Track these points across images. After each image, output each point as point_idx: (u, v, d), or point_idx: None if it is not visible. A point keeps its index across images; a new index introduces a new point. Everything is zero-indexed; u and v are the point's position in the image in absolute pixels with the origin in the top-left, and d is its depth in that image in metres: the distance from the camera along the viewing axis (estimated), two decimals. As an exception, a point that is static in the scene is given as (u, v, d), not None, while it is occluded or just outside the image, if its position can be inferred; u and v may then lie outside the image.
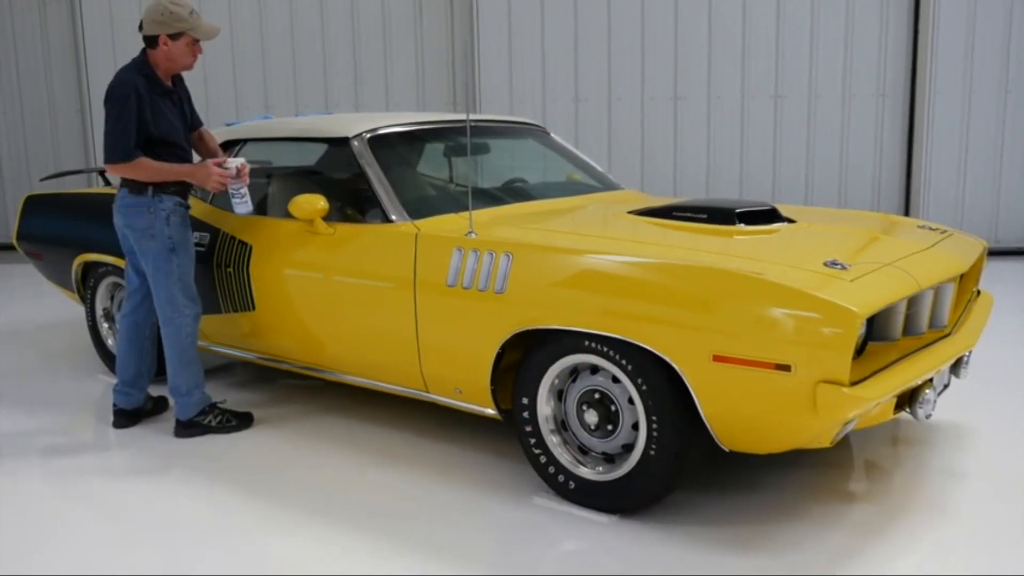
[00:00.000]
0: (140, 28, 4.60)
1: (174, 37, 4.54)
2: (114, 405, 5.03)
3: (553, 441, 3.89)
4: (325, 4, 11.11)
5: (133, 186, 4.61)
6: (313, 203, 4.46)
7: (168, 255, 4.64)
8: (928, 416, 3.58)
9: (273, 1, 11.21)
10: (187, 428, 4.82)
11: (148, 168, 4.52)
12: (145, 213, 4.61)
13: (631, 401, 3.65)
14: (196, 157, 4.99)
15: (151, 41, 4.58)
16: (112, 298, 5.98)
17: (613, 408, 3.72)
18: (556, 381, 3.86)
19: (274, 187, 5.21)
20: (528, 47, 10.62)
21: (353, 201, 4.66)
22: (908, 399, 3.56)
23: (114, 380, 5.81)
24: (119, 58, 11.48)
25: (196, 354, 4.84)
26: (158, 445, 4.73)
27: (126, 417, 5.01)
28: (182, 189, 4.72)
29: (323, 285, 4.53)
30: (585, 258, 3.66)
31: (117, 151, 4.46)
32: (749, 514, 3.74)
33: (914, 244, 4.02)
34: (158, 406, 5.17)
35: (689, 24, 10.32)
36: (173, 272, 4.67)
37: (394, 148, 4.92)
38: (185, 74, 4.92)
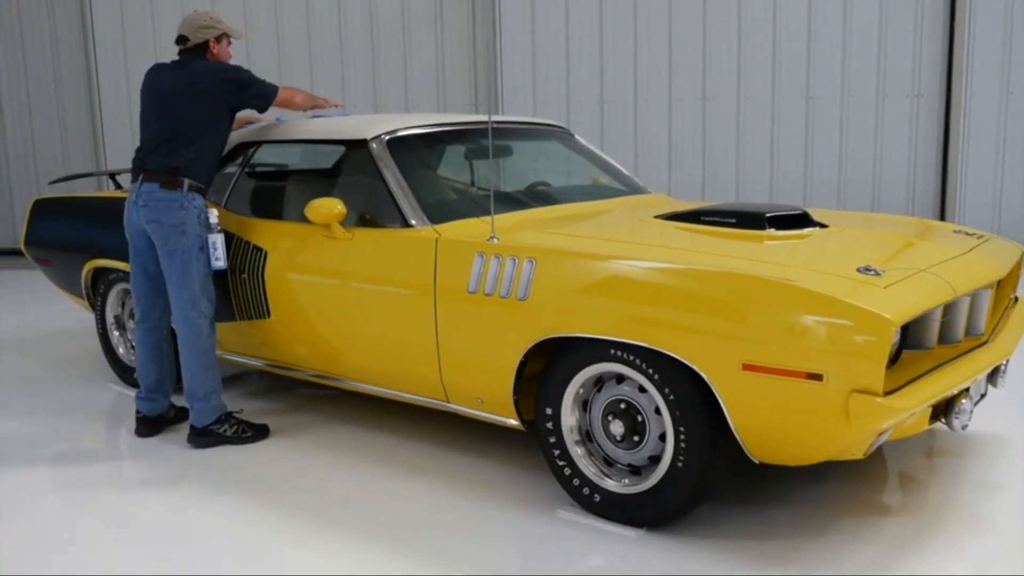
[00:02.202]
0: (182, 42, 4.97)
1: (218, 40, 4.99)
2: (137, 412, 5.08)
3: (578, 452, 3.91)
4: (343, 2, 11.17)
5: (167, 182, 4.73)
6: (330, 207, 4.48)
7: (197, 253, 4.75)
8: (964, 427, 3.58)
9: (289, 0, 11.27)
10: (201, 436, 4.86)
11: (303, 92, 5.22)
12: (178, 209, 4.71)
13: (658, 411, 3.67)
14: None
15: (201, 48, 4.97)
16: (123, 305, 6.02)
17: (639, 418, 3.74)
18: (581, 391, 3.88)
19: (290, 191, 5.24)
20: (552, 46, 10.65)
21: (371, 205, 4.68)
22: (944, 409, 3.57)
23: (124, 389, 5.88)
24: (130, 58, 11.58)
25: (215, 357, 4.90)
26: (171, 455, 4.77)
27: (149, 425, 5.07)
28: (206, 190, 4.87)
29: (340, 292, 4.57)
30: (610, 264, 3.68)
31: (268, 82, 4.99)
32: (779, 528, 3.76)
33: (950, 249, 4.03)
34: (179, 415, 5.19)
35: (718, 23, 10.33)
36: (199, 271, 4.76)
37: (413, 150, 4.95)
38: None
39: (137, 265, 4.95)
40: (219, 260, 4.83)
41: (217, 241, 4.82)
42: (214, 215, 4.84)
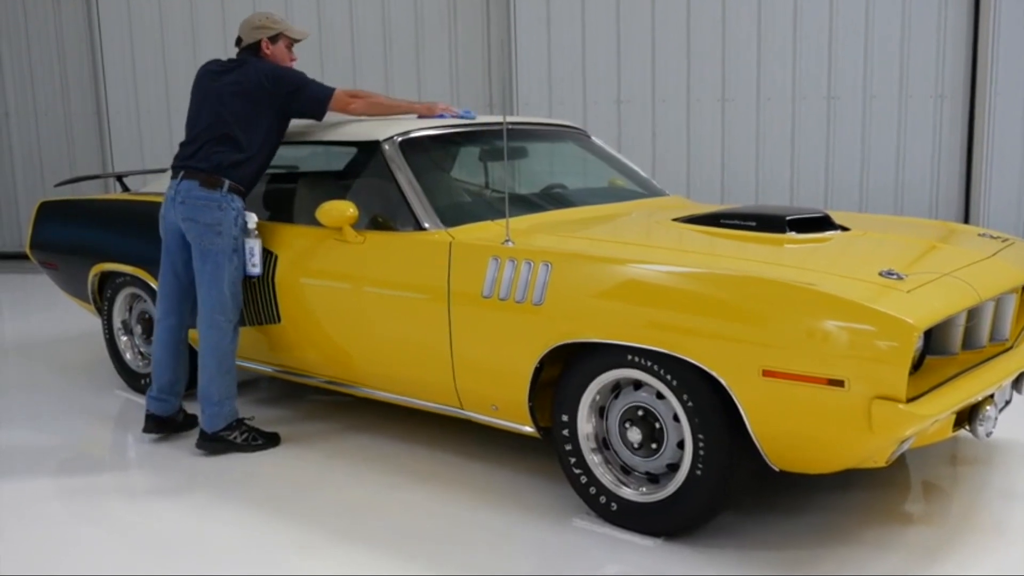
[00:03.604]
0: (239, 43, 5.11)
1: (273, 40, 5.03)
2: (147, 410, 5.09)
3: (594, 460, 3.92)
4: (355, 1, 11.19)
5: (207, 180, 4.76)
6: (342, 210, 4.49)
7: (230, 255, 4.77)
8: (989, 434, 3.59)
9: (300, 3, 11.30)
10: (211, 442, 4.87)
11: (370, 97, 5.14)
12: (216, 209, 4.74)
13: (676, 418, 3.68)
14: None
15: (254, 49, 5.03)
16: (130, 310, 6.03)
17: (657, 426, 3.75)
18: (597, 397, 3.89)
19: (301, 193, 5.26)
20: (568, 46, 10.65)
21: (384, 208, 4.69)
22: (968, 416, 3.57)
23: (131, 395, 5.90)
24: (137, 57, 11.61)
25: (234, 363, 4.92)
26: (179, 463, 4.79)
27: (157, 423, 5.09)
28: (247, 193, 4.90)
29: (352, 296, 4.59)
30: (628, 268, 3.70)
31: (322, 85, 4.98)
32: (800, 537, 3.76)
33: (974, 253, 4.03)
34: (188, 421, 5.20)
35: (737, 22, 10.32)
36: (230, 274, 4.78)
37: (427, 152, 4.96)
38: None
39: (167, 263, 4.98)
40: (255, 267, 4.87)
41: (255, 247, 4.85)
42: (252, 220, 4.85)
